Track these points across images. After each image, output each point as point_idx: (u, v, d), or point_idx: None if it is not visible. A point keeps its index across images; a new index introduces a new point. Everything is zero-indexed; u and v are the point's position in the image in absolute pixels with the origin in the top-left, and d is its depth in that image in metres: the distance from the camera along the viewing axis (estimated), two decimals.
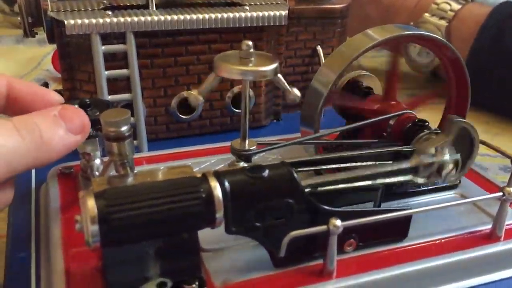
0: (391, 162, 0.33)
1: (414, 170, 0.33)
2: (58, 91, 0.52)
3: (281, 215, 0.29)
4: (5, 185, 0.30)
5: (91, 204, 0.25)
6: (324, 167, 0.33)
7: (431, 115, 0.39)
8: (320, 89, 0.36)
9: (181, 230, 0.27)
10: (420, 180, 0.33)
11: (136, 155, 0.36)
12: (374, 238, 0.32)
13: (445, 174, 0.33)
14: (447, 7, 0.62)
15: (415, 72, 0.68)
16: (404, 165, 0.32)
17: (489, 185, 0.38)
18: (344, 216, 0.29)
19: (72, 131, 0.30)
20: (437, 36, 0.37)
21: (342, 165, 0.33)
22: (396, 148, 0.35)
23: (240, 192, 0.28)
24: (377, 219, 0.30)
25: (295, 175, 0.29)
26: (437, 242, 0.33)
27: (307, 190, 0.30)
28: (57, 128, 0.29)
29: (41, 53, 0.77)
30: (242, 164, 0.34)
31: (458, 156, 0.33)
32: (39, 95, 0.33)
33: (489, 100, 0.59)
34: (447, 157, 0.33)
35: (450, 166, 0.33)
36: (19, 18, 0.45)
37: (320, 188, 0.31)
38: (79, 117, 0.31)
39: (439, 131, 0.35)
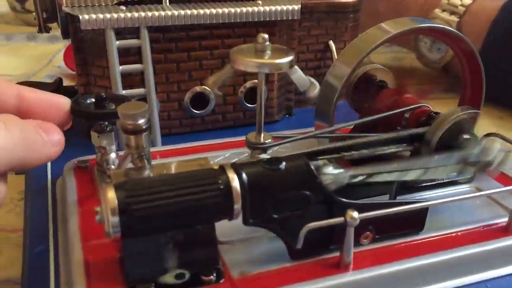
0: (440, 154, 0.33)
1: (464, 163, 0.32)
2: (72, 87, 0.52)
3: (298, 207, 0.29)
4: None
5: (111, 195, 0.25)
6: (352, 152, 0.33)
7: (446, 109, 0.38)
8: (335, 83, 0.36)
9: (199, 221, 0.27)
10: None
11: (150, 150, 0.36)
12: (391, 230, 0.32)
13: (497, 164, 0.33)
14: (458, 2, 0.62)
15: (426, 68, 0.68)
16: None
17: (504, 179, 0.38)
18: (360, 208, 0.29)
19: (50, 141, 0.29)
20: (452, 29, 0.37)
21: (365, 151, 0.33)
22: (408, 131, 0.35)
23: (258, 184, 0.28)
24: (394, 211, 0.30)
25: (312, 166, 0.29)
26: (453, 235, 0.33)
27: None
28: (39, 134, 0.29)
29: (52, 50, 0.77)
30: (263, 156, 0.34)
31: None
32: (49, 102, 0.33)
33: (500, 95, 0.58)
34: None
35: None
36: (33, 14, 0.45)
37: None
38: (56, 130, 0.30)
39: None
